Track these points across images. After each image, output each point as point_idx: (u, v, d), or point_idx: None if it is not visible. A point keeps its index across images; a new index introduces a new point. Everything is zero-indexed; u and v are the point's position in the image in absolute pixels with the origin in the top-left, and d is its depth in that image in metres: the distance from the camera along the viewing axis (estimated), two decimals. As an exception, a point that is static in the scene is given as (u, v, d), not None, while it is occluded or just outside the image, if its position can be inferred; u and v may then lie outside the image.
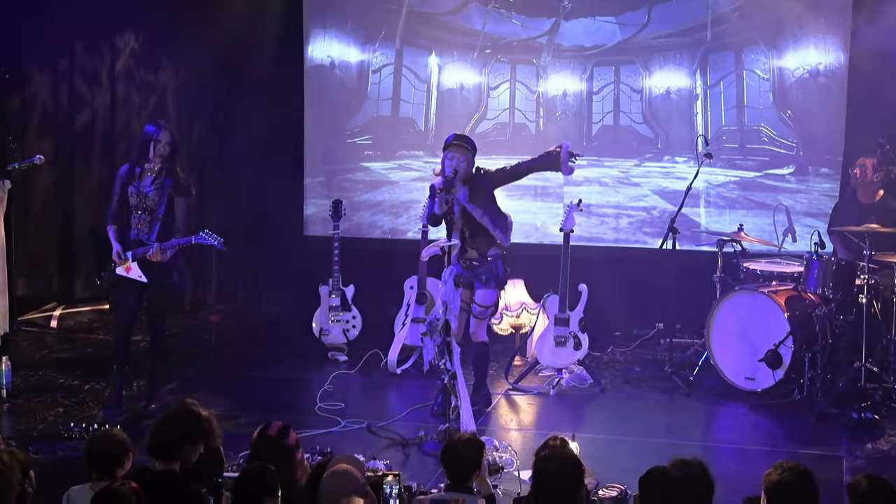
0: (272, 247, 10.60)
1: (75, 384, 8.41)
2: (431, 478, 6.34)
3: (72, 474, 5.27)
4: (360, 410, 7.82)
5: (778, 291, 8.29)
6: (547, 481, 4.67)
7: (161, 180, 7.56)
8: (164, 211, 7.58)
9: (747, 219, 9.60)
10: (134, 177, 7.58)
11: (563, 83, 10.21)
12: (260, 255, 10.62)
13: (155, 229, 7.57)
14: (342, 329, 9.28)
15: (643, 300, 9.67)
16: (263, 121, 10.47)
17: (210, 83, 10.61)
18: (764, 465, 4.76)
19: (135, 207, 7.58)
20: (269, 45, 10.49)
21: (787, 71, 9.75)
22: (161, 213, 7.57)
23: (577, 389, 8.49)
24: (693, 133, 9.85)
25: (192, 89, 10.71)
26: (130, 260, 7.56)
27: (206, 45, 10.41)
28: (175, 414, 5.02)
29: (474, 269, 7.77)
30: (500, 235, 7.75)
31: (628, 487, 6.27)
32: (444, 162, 7.76)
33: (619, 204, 10.20)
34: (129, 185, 7.58)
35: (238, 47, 10.41)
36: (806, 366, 7.86)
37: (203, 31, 10.34)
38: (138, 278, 7.58)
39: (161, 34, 10.62)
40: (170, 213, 7.60)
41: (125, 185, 7.60)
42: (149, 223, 7.58)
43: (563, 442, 5.26)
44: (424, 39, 10.41)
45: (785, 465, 4.57)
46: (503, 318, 9.18)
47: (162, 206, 7.57)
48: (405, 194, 10.52)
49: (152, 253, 7.50)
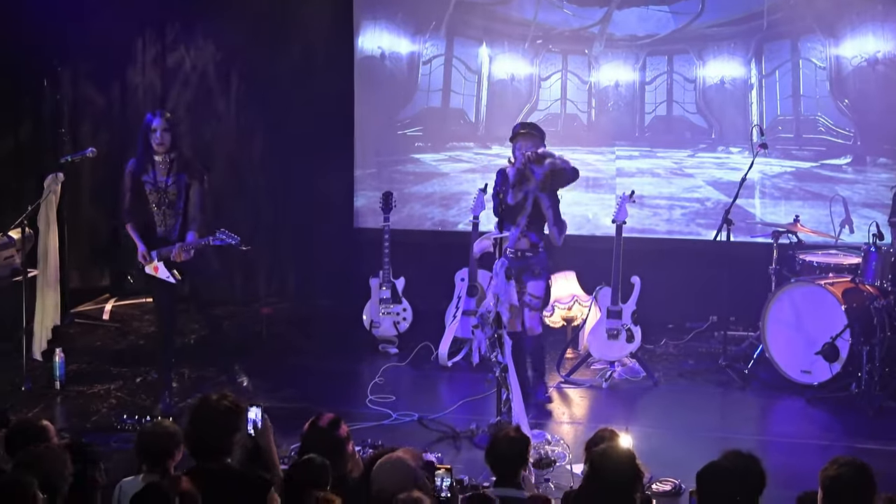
0: (323, 239, 10.60)
1: (127, 376, 8.47)
2: (483, 471, 6.28)
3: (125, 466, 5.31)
4: (410, 403, 7.83)
5: (835, 283, 8.19)
6: (602, 478, 4.61)
7: (176, 173, 7.53)
8: (182, 205, 7.55)
9: (803, 210, 9.46)
10: (145, 170, 7.54)
11: (616, 73, 10.12)
12: (311, 247, 10.63)
13: (176, 225, 7.56)
14: (393, 321, 9.26)
15: (696, 292, 9.58)
16: (314, 113, 10.46)
17: (260, 75, 10.62)
18: (820, 460, 4.71)
19: (156, 204, 7.56)
20: (319, 36, 10.48)
21: (844, 59, 9.60)
22: (180, 208, 7.56)
23: (629, 382, 8.44)
24: (748, 123, 9.75)
25: (242, 82, 10.71)
26: (156, 260, 7.55)
27: (256, 38, 10.45)
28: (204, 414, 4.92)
29: (526, 260, 7.71)
30: (556, 234, 7.69)
31: (682, 481, 6.24)
32: (514, 153, 7.67)
33: (673, 195, 10.10)
34: (142, 177, 7.53)
35: (288, 39, 10.42)
36: (864, 359, 7.75)
37: (254, 24, 10.37)
38: (166, 279, 7.57)
39: (211, 26, 10.63)
40: (187, 204, 7.57)
41: (137, 180, 7.55)
42: (172, 218, 7.56)
43: (614, 434, 5.20)
44: (475, 30, 10.35)
45: (842, 460, 4.51)
46: (555, 311, 9.12)
47: (180, 200, 7.55)
48: (455, 186, 10.48)
49: (174, 254, 7.49)
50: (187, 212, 7.57)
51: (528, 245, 7.72)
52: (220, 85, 10.78)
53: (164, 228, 7.59)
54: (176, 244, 7.50)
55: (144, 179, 7.56)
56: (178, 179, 7.53)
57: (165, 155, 7.54)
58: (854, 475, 4.42)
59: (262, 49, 10.51)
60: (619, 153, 10.15)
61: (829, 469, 4.47)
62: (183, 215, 7.56)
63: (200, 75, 10.78)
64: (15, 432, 5.03)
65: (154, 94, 10.78)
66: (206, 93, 10.77)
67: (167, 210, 7.56)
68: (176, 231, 7.57)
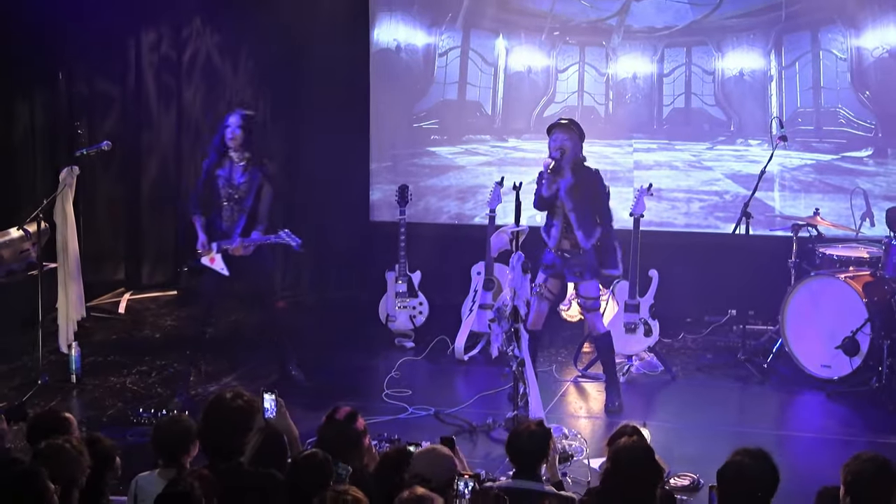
0: (338, 232, 10.57)
1: (143, 370, 8.48)
2: (500, 465, 6.27)
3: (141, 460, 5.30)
4: (427, 397, 7.81)
5: (855, 277, 8.13)
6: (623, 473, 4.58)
7: (251, 172, 7.67)
8: (251, 203, 7.69)
9: (823, 203, 9.40)
10: (220, 165, 7.70)
11: (633, 65, 10.05)
12: (326, 240, 10.60)
13: (241, 221, 7.69)
14: (409, 315, 9.24)
15: (715, 286, 9.50)
16: (329, 106, 10.43)
17: (275, 68, 10.61)
18: (840, 456, 4.71)
19: (226, 199, 7.70)
20: (335, 29, 10.44)
21: (865, 50, 9.50)
22: (248, 206, 7.71)
23: (647, 377, 8.40)
24: (767, 115, 9.68)
25: (257, 74, 10.70)
26: (215, 251, 7.64)
27: (271, 30, 10.43)
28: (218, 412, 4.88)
29: (567, 261, 7.61)
30: (581, 237, 7.52)
31: (700, 476, 6.19)
32: (550, 145, 7.60)
33: (691, 188, 10.03)
34: (217, 171, 7.68)
35: (304, 32, 10.38)
36: (885, 353, 7.70)
37: (269, 16, 10.35)
38: (220, 270, 7.69)
39: (227, 19, 10.63)
40: (256, 203, 7.71)
41: (211, 174, 7.72)
42: (239, 214, 7.68)
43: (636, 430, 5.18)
44: (491, 22, 10.30)
45: (864, 455, 4.50)
46: (572, 305, 9.07)
47: (250, 198, 7.69)
48: (472, 179, 10.43)
49: (234, 248, 7.61)
50: (255, 210, 7.70)
51: (569, 246, 7.63)
52: (234, 78, 10.75)
53: (230, 223, 7.72)
54: (237, 238, 7.61)
55: (219, 174, 7.73)
56: (251, 178, 7.68)
57: (241, 152, 7.68)
58: (876, 471, 4.41)
59: (277, 42, 10.49)
60: (636, 146, 10.09)
61: (852, 464, 4.46)
62: (248, 214, 7.68)
63: (215, 68, 10.77)
64: (38, 423, 5.04)
65: (171, 89, 10.76)
66: (221, 86, 10.75)
67: (235, 206, 7.71)
68: (239, 227, 7.71)
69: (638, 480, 4.55)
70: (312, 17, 10.38)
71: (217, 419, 4.82)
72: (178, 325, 9.71)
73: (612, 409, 7.64)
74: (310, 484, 4.42)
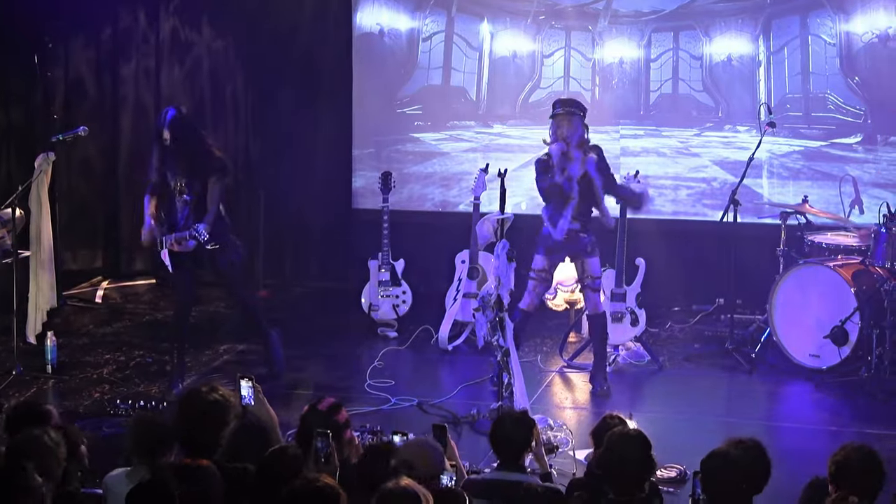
0: (320, 220, 10.49)
1: (121, 360, 8.39)
2: (484, 457, 6.21)
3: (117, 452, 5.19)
4: (410, 388, 7.76)
5: (844, 265, 8.08)
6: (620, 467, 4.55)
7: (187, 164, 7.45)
8: (191, 196, 7.46)
9: (812, 190, 9.32)
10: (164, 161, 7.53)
11: (620, 50, 9.96)
12: (308, 228, 10.52)
13: (184, 213, 7.48)
14: (392, 304, 9.15)
15: (703, 274, 9.47)
16: (310, 91, 10.32)
17: (255, 51, 10.49)
18: (829, 445, 4.79)
19: (177, 192, 7.51)
20: (316, 12, 10.34)
21: (854, 36, 9.42)
22: (188, 199, 7.47)
23: (634, 367, 8.34)
24: (755, 101, 9.60)
25: (235, 58, 10.58)
26: (164, 246, 7.41)
27: (250, 13, 10.32)
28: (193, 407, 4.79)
29: (580, 241, 7.58)
30: (608, 215, 7.60)
31: (687, 467, 6.14)
32: (551, 131, 7.49)
33: (678, 175, 9.95)
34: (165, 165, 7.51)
35: (284, 15, 10.28)
36: (874, 342, 7.66)
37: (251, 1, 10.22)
38: (167, 264, 7.47)
39: (207, 4, 10.53)
40: (202, 196, 7.48)
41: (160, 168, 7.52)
42: (183, 206, 7.50)
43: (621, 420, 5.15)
44: (476, 6, 10.19)
45: (851, 445, 4.53)
46: (558, 293, 8.98)
47: (187, 191, 7.45)
48: (456, 166, 10.33)
49: (170, 243, 7.40)
50: (198, 205, 7.47)
51: (579, 226, 7.56)
52: (214, 63, 10.64)
53: (175, 216, 7.53)
54: (170, 236, 7.42)
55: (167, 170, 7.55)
56: (189, 171, 7.45)
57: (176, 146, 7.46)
58: (863, 461, 4.44)
59: (259, 26, 10.36)
60: (623, 132, 10.00)
61: (838, 454, 4.49)
62: (191, 206, 7.48)
63: (195, 54, 10.65)
64: (17, 414, 4.98)
65: (148, 73, 10.62)
66: (200, 71, 10.64)
67: (180, 199, 7.51)
68: (182, 220, 7.49)
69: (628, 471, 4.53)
70: (294, 0, 10.26)
71: (192, 414, 4.73)
72: (157, 314, 9.61)
73: (600, 392, 7.65)
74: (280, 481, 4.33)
